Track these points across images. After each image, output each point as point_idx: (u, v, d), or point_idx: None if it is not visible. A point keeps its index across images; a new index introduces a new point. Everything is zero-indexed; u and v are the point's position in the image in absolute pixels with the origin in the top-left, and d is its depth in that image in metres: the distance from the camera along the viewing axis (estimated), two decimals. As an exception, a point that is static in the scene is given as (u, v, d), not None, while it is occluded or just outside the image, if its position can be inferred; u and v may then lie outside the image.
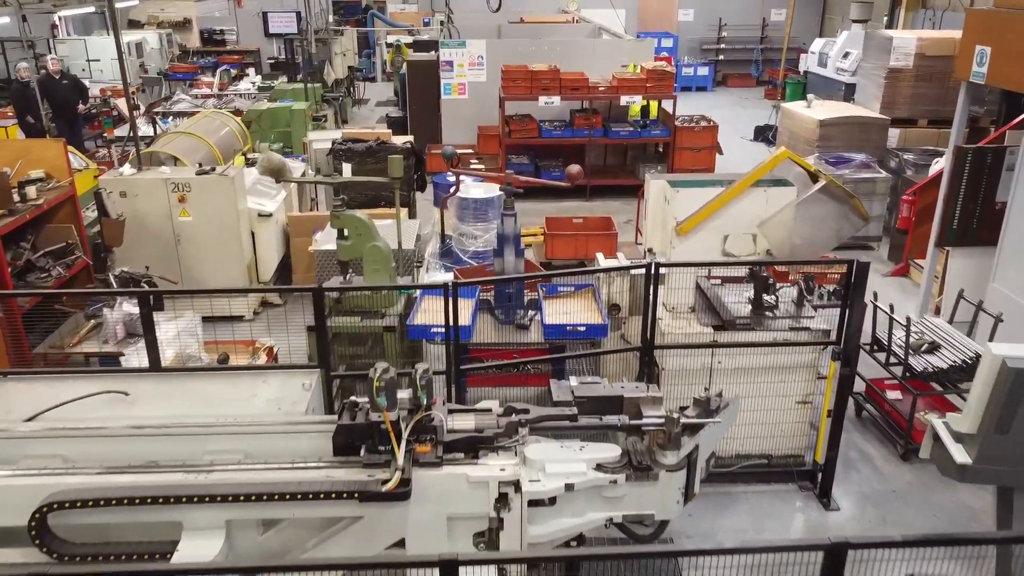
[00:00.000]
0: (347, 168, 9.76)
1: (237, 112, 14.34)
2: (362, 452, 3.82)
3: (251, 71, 19.45)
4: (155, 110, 14.82)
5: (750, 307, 5.70)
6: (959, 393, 5.76)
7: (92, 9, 18.66)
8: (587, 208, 12.25)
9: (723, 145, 13.10)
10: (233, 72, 18.03)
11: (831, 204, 5.18)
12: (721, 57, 23.69)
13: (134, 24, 23.47)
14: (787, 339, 5.41)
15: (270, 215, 8.39)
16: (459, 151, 13.57)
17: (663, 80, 12.06)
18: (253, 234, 8.43)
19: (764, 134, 16.61)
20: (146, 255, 7.95)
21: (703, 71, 22.78)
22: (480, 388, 6.43)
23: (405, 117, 14.75)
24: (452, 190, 6.78)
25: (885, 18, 19.35)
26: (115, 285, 6.15)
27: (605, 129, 12.36)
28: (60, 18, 22.35)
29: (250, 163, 9.69)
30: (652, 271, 5.06)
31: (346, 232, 5.90)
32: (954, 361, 5.82)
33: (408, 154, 9.77)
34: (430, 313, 6.11)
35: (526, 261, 8.44)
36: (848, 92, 18.56)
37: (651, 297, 5.13)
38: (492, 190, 9.10)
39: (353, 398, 4.01)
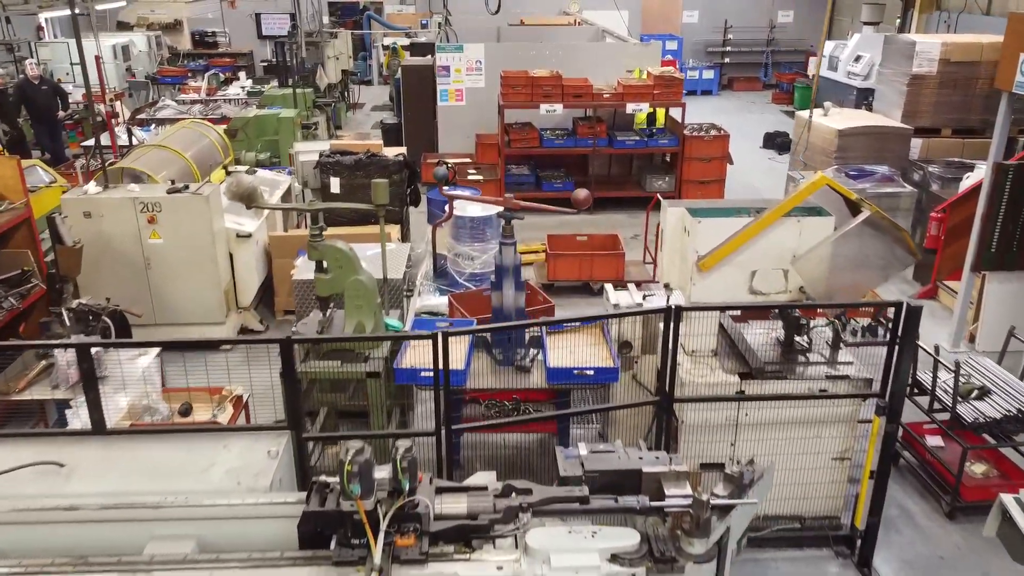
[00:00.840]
0: (335, 182, 9.13)
1: (224, 119, 13.73)
2: (333, 544, 3.19)
3: (242, 75, 18.79)
4: (138, 116, 14.18)
5: (779, 348, 5.08)
6: (1015, 447, 5.12)
7: (76, 10, 17.99)
8: (591, 222, 11.60)
9: (732, 153, 12.45)
10: (222, 76, 17.37)
11: (876, 238, 4.55)
12: (727, 60, 23.04)
13: (123, 26, 22.85)
14: (824, 389, 4.77)
15: (249, 235, 7.74)
16: (456, 161, 12.96)
17: (671, 87, 11.42)
18: (231, 256, 7.78)
19: (774, 141, 15.96)
20: (113, 280, 7.32)
21: (708, 75, 22.14)
22: (477, 434, 5.82)
23: (400, 124, 14.11)
24: (444, 216, 6.12)
25: (898, 20, 18.69)
26: (67, 321, 5.50)
27: (610, 138, 11.72)
28: (47, 20, 21.73)
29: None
30: (672, 316, 4.41)
31: (326, 264, 5.26)
32: (1008, 410, 5.18)
33: (400, 167, 9.15)
34: (420, 351, 5.48)
35: (526, 284, 7.81)
36: (860, 97, 17.95)
37: (671, 345, 4.48)
38: (490, 209, 8.45)
39: (323, 478, 3.38)
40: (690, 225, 4.87)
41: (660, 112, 12.33)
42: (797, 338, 5.05)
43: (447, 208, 6.22)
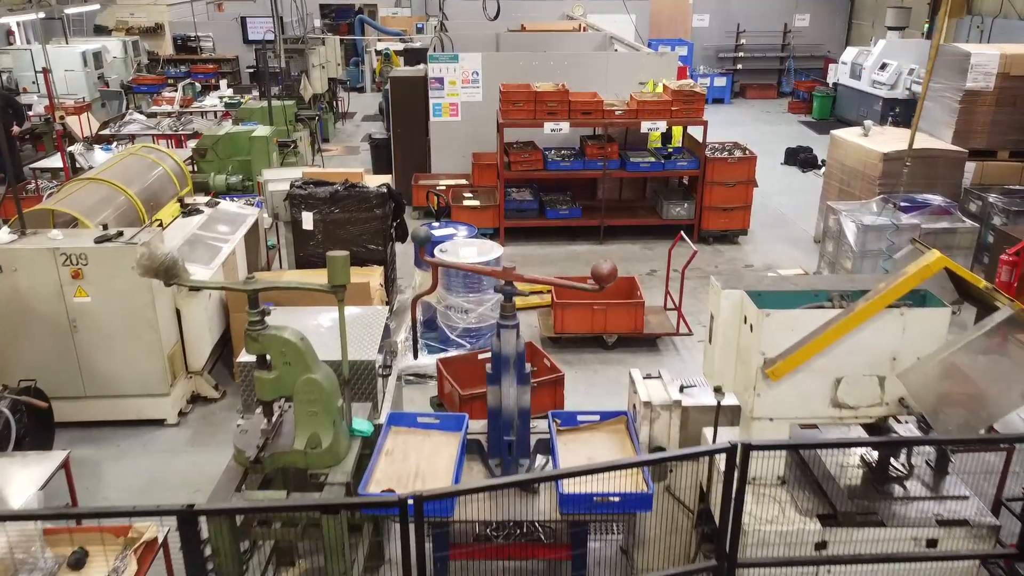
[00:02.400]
0: (308, 217, 7.87)
1: (197, 135, 12.48)
2: None
3: (223, 83, 17.54)
4: (101, 132, 12.94)
5: (867, 473, 3.83)
6: None
7: (42, 15, 16.75)
8: (601, 253, 10.34)
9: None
10: (198, 86, 16.11)
11: (1019, 347, 3.30)
12: (739, 66, 21.79)
13: (101, 30, 21.60)
14: (934, 540, 3.52)
15: (198, 289, 6.48)
16: (451, 183, 11.72)
17: (691, 102, 10.16)
18: (179, 312, 6.53)
19: (797, 157, 14.70)
20: (32, 349, 6.08)
21: (720, 82, 20.88)
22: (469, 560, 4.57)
23: (390, 139, 12.84)
24: (428, 288, 4.86)
25: (926, 25, 17.46)
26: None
27: (622, 160, 10.46)
28: (19, 24, 20.48)
29: (187, 212, 7.80)
30: (737, 457, 3.16)
31: (269, 359, 4.01)
32: None
33: (384, 200, 7.89)
34: (392, 469, 4.25)
35: (528, 346, 6.55)
36: (886, 107, 16.71)
37: (734, 495, 3.23)
38: (487, 251, 7.20)
39: None
40: (755, 318, 3.61)
41: (676, 129, 11.08)
42: (893, 463, 3.80)
43: (432, 275, 4.96)
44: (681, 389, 4.65)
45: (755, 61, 21.86)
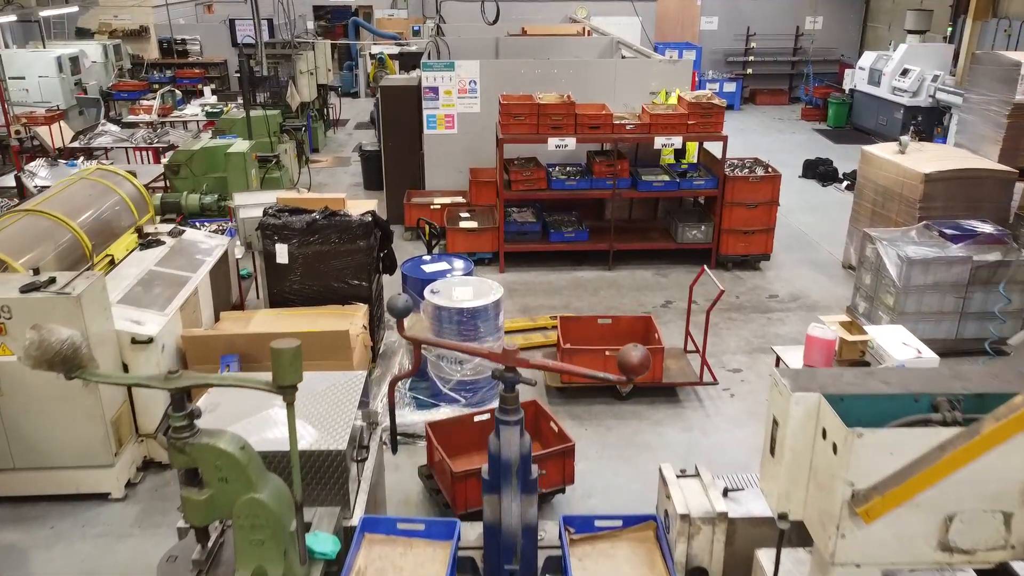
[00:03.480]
0: (282, 250, 6.96)
1: (172, 147, 11.58)
2: None
3: (207, 90, 16.63)
4: (70, 145, 12.02)
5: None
6: None
7: (13, 17, 15.87)
8: (610, 281, 9.44)
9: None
10: (179, 93, 15.19)
11: None
12: (749, 71, 20.88)
13: (83, 33, 20.66)
14: None
15: (150, 341, 5.57)
16: (446, 201, 10.81)
17: (710, 115, 9.25)
18: (126, 368, 5.62)
19: (816, 170, 13.79)
20: (-52, 414, 5.17)
21: (729, 87, 19.96)
22: None
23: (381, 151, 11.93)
24: (407, 370, 3.96)
25: (949, 29, 16.56)
26: None
27: (634, 179, 9.54)
28: (-3, 26, 19.56)
29: (145, 244, 6.89)
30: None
31: (201, 474, 3.10)
32: None
33: (368, 230, 6.99)
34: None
35: (533, 407, 5.67)
36: (907, 116, 15.82)
37: None
38: (485, 293, 6.29)
39: None
40: (840, 437, 2.70)
41: (691, 143, 10.18)
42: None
43: (413, 355, 4.05)
44: (725, 493, 3.75)
45: (766, 65, 20.95)
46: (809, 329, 5.63)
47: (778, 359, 5.89)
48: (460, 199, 10.87)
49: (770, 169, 9.75)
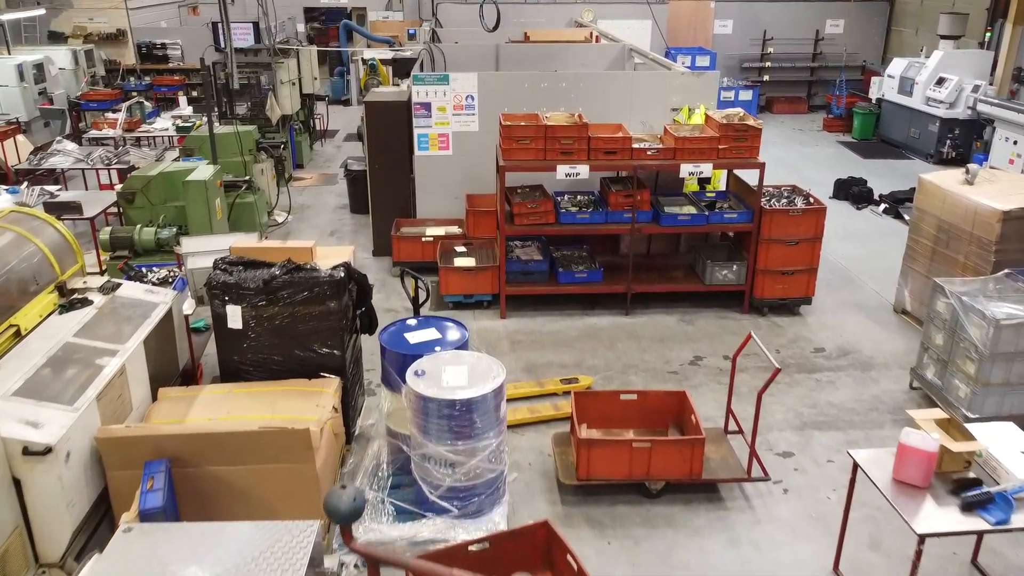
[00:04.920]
0: (234, 313, 5.69)
1: (132, 169, 10.32)
2: None
3: (183, 99, 15.35)
4: (20, 165, 10.75)
5: None
6: None
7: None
8: (628, 329, 8.17)
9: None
10: (149, 105, 13.90)
11: None
12: (766, 78, 19.60)
13: (56, 37, 19.39)
14: None
15: (47, 451, 4.29)
16: (439, 232, 9.52)
17: (745, 138, 7.98)
18: (17, 484, 4.35)
19: (849, 191, 12.51)
20: None
21: (745, 95, 18.65)
22: None
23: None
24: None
25: (988, 34, 15.27)
26: None
27: (655, 211, 8.26)
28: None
29: (67, 305, 5.60)
30: None
31: None
32: None
33: (339, 288, 5.71)
34: None
35: (544, 526, 4.43)
36: (944, 129, 14.55)
37: None
38: (484, 376, 5.01)
39: None
40: None
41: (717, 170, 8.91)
42: None
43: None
44: None
45: (783, 72, 19.67)
46: (902, 436, 4.35)
47: (856, 467, 4.61)
48: (455, 229, 9.60)
49: (811, 199, 8.47)
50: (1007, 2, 15.09)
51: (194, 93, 17.81)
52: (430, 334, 5.60)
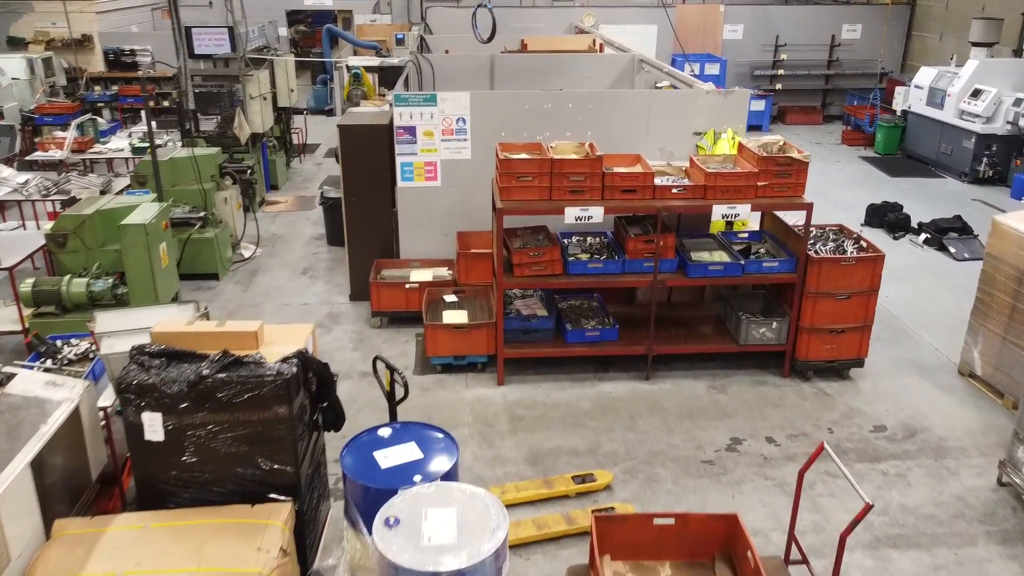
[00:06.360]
0: (153, 422, 4.38)
1: (73, 201, 8.97)
2: None
3: (143, 114, 13.94)
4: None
5: None
6: None
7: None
8: (650, 400, 6.87)
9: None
10: (103, 121, 12.53)
11: None
12: (778, 86, 18.34)
13: (16, 43, 18.01)
14: None
15: None
16: (425, 276, 8.22)
17: (789, 174, 6.69)
18: None
19: (884, 218, 11.24)
20: None
21: (757, 105, 17.38)
22: None
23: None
24: None
25: (1028, 42, 14.04)
26: None
27: (682, 259, 6.96)
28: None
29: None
30: None
31: None
32: None
33: (290, 387, 4.39)
34: None
35: None
36: (980, 145, 13.31)
37: None
38: (480, 530, 3.69)
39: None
40: None
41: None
42: None
43: None
44: None
45: (797, 80, 18.40)
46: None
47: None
48: (445, 272, 8.30)
49: (864, 244, 7.19)
50: (1046, 6, 13.88)
51: (166, 103, 16.42)
52: (408, 452, 4.28)
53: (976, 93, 13.40)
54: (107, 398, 5.24)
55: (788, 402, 6.87)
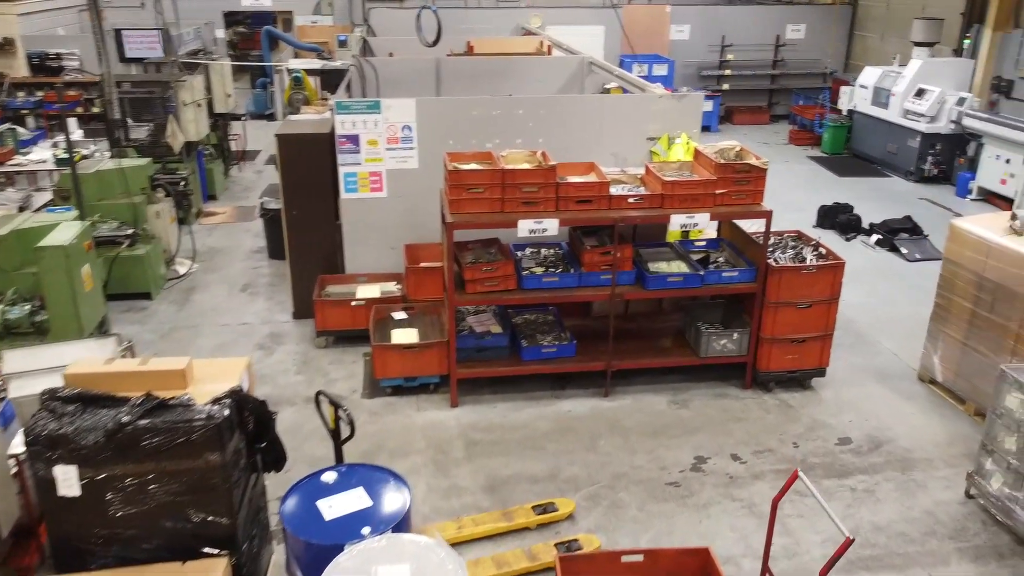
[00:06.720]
0: (67, 476, 3.93)
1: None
2: None
3: (72, 122, 13.20)
4: None
5: None
6: None
7: None
8: (610, 418, 6.60)
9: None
10: (22, 131, 11.79)
11: None
12: (726, 86, 18.34)
13: (-70, 47, 16.94)
14: None
15: None
16: (374, 293, 7.84)
17: (747, 181, 6.50)
18: None
19: (835, 219, 11.21)
20: None
21: (706, 106, 17.28)
22: None
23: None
24: None
25: (968, 41, 14.21)
26: None
27: (640, 271, 6.71)
28: None
29: None
30: None
31: None
32: None
33: (226, 429, 3.99)
34: None
35: None
36: (925, 144, 13.43)
37: None
38: (432, 568, 3.35)
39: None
40: None
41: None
42: None
43: None
44: None
45: (743, 80, 18.44)
46: None
47: None
48: (393, 287, 7.92)
49: (823, 251, 7.05)
50: (983, 6, 14.07)
51: (95, 109, 15.60)
52: (355, 500, 3.92)
53: (920, 93, 13.52)
54: (19, 444, 4.74)
55: (751, 415, 6.68)
